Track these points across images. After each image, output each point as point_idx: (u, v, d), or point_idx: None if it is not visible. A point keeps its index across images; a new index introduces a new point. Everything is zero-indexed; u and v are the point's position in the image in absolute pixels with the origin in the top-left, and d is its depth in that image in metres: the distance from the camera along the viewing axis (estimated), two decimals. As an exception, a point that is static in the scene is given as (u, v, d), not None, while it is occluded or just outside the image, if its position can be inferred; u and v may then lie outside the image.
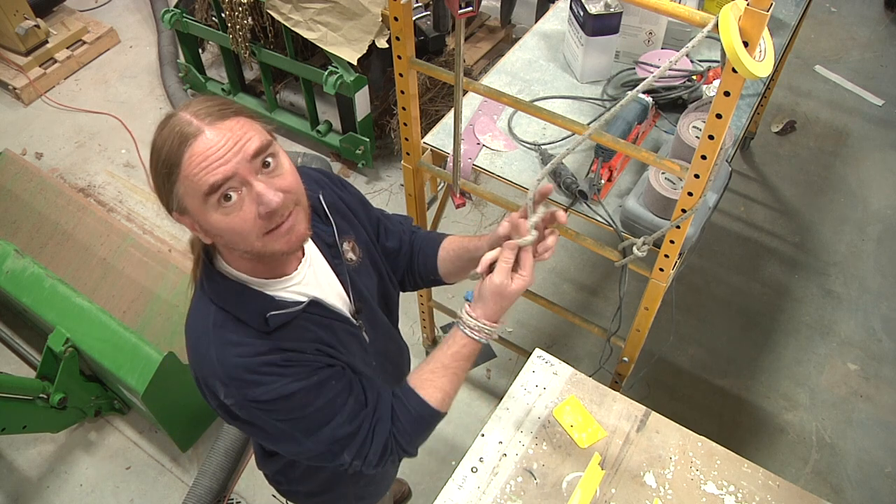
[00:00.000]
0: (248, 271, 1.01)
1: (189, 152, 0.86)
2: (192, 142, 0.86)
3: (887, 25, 3.87)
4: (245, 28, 2.81)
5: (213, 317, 0.99)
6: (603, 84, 1.84)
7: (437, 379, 1.09)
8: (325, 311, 1.08)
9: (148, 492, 2.26)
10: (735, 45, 0.95)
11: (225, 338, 0.98)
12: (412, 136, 1.62)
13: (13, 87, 3.55)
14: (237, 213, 0.89)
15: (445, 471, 2.24)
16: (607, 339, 1.77)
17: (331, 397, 1.02)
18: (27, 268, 2.24)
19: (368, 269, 1.22)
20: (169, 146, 0.87)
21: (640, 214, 1.44)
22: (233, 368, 0.96)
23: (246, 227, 0.90)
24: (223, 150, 0.86)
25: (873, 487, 2.22)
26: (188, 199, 0.89)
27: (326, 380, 1.02)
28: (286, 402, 0.98)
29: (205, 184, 0.86)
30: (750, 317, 2.64)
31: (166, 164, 0.88)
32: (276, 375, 0.97)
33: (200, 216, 0.90)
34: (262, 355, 0.97)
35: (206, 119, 0.88)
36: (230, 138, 0.87)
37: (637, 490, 1.31)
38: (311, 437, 1.02)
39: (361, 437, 1.05)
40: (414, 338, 2.59)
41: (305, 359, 1.01)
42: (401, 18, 1.35)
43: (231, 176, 0.87)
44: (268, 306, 1.00)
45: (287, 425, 1.01)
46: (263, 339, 0.99)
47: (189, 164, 0.86)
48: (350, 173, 3.19)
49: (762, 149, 3.23)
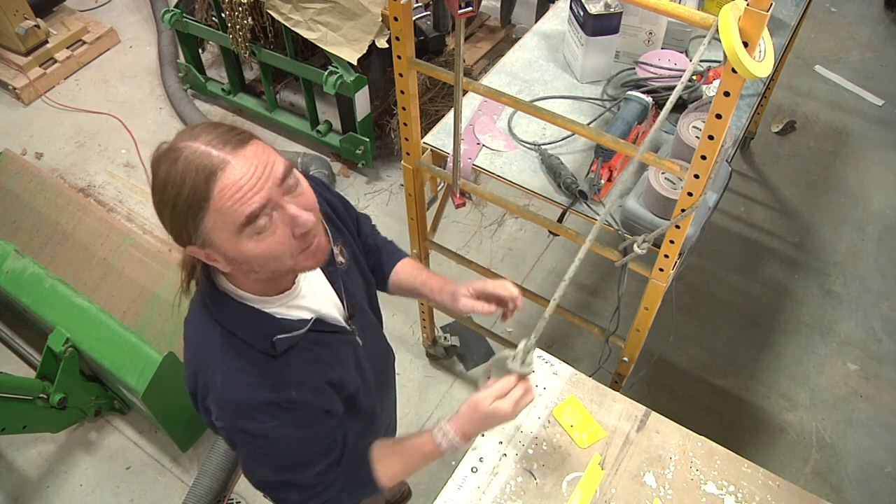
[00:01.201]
0: (257, 291, 1.00)
1: (219, 185, 0.83)
2: (219, 174, 0.83)
3: (887, 25, 3.87)
4: (245, 28, 2.81)
5: (220, 339, 0.98)
6: (603, 84, 1.84)
7: (394, 463, 1.12)
8: (325, 326, 1.08)
9: (148, 492, 2.26)
10: (735, 45, 0.95)
11: (232, 364, 0.97)
12: (412, 136, 1.62)
13: (13, 87, 3.55)
14: (272, 238, 0.88)
15: (445, 471, 2.23)
16: (606, 338, 1.77)
17: (312, 450, 1.04)
18: (27, 268, 2.23)
19: (355, 270, 1.23)
20: (193, 181, 0.83)
21: (640, 214, 1.44)
22: (234, 399, 0.97)
23: (281, 249, 0.89)
24: (254, 179, 0.84)
25: (873, 487, 2.22)
26: (218, 232, 0.86)
27: (315, 433, 1.04)
28: (272, 441, 1.00)
29: (241, 215, 0.84)
30: (750, 317, 2.64)
31: (192, 200, 0.84)
32: (273, 417, 0.98)
33: (229, 247, 0.88)
34: (268, 391, 0.97)
35: (225, 148, 0.84)
36: (257, 164, 0.85)
37: (637, 490, 1.31)
38: (276, 472, 1.05)
39: (317, 489, 1.07)
40: (414, 338, 2.59)
41: (307, 401, 1.01)
42: (401, 18, 1.35)
43: (266, 203, 0.85)
44: (274, 329, 1.00)
45: (261, 457, 1.03)
46: (271, 368, 0.99)
47: (221, 197, 0.83)
48: (350, 173, 3.19)
49: (762, 149, 3.23)
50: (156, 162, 0.88)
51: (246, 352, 0.98)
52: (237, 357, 0.97)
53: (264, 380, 0.97)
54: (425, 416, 2.40)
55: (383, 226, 2.94)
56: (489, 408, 1.04)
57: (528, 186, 1.62)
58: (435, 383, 2.49)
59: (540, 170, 1.66)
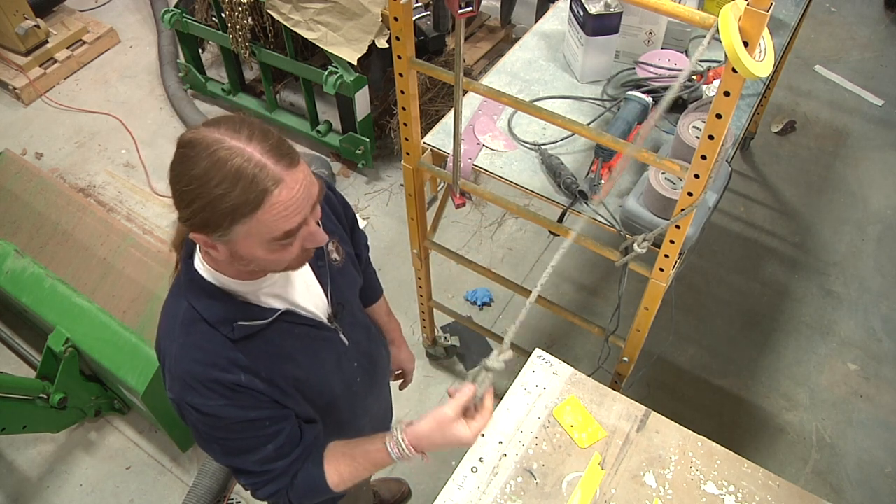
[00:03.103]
0: (230, 274, 1.01)
1: (271, 200, 0.85)
2: (274, 190, 0.85)
3: (887, 25, 3.87)
4: (245, 28, 2.81)
5: (182, 314, 1.01)
6: (603, 84, 1.84)
7: (343, 464, 1.11)
8: (297, 319, 1.08)
9: (148, 492, 2.26)
10: (735, 45, 0.95)
11: (189, 338, 1.00)
12: (412, 136, 1.62)
13: (13, 87, 3.55)
14: (287, 250, 0.92)
15: (445, 471, 2.23)
16: (606, 338, 1.77)
17: (257, 436, 1.04)
18: (27, 268, 2.23)
19: (350, 269, 1.23)
20: (245, 187, 0.83)
21: (640, 214, 1.44)
22: (184, 370, 0.99)
23: (288, 259, 0.94)
24: (300, 200, 0.88)
25: (873, 487, 2.22)
26: (248, 238, 0.88)
27: (261, 420, 1.04)
28: (216, 420, 1.00)
29: (280, 230, 0.88)
30: (750, 317, 2.64)
31: (238, 206, 0.84)
32: (219, 395, 0.99)
33: (246, 249, 0.90)
34: (217, 370, 0.98)
35: (280, 164, 0.86)
36: (304, 186, 0.89)
37: (637, 490, 1.31)
38: (224, 455, 1.06)
39: (263, 479, 1.08)
40: (414, 338, 2.59)
41: (256, 388, 1.01)
42: (401, 18, 1.35)
43: (302, 223, 0.90)
44: (238, 314, 1.01)
45: (209, 437, 1.04)
46: (225, 349, 1.00)
47: (270, 210, 0.85)
48: (350, 173, 3.19)
49: (762, 149, 3.23)
50: (192, 147, 0.85)
51: (205, 329, 0.99)
52: (196, 333, 0.99)
53: (216, 359, 0.99)
54: (425, 416, 2.40)
55: (383, 226, 2.97)
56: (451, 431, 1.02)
57: (528, 186, 1.62)
58: (435, 383, 2.49)
59: (540, 170, 1.66)
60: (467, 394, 1.03)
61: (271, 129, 0.90)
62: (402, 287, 2.69)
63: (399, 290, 2.68)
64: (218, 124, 0.86)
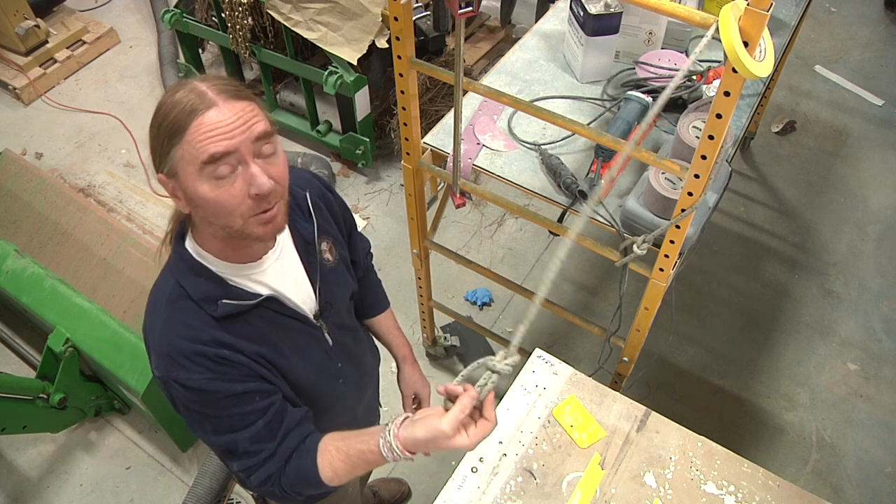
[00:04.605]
0: (216, 252, 1.02)
1: (198, 121, 0.88)
2: (203, 111, 0.89)
3: (887, 25, 3.87)
4: (245, 28, 2.81)
5: (169, 291, 1.02)
6: (603, 84, 1.84)
7: (338, 460, 1.08)
8: (282, 309, 1.08)
9: (148, 492, 2.26)
10: (735, 45, 0.95)
11: (174, 314, 1.01)
12: (412, 136, 1.62)
13: (13, 87, 3.55)
14: (227, 188, 0.91)
15: (445, 471, 2.23)
16: (607, 338, 1.77)
17: (246, 411, 1.03)
18: (27, 268, 2.23)
19: (344, 273, 1.23)
20: (179, 110, 0.89)
21: (640, 214, 1.44)
22: (169, 346, 0.99)
23: (232, 203, 0.92)
24: (231, 127, 0.90)
25: (873, 487, 2.22)
26: (183, 164, 0.91)
27: (250, 392, 1.03)
28: (203, 395, 1.00)
29: (205, 153, 0.89)
30: (750, 317, 2.64)
31: (172, 126, 0.89)
32: (204, 368, 0.99)
33: (189, 183, 0.92)
34: (201, 344, 0.99)
35: (221, 95, 0.90)
36: (240, 117, 0.90)
37: (637, 490, 1.31)
38: (214, 435, 1.05)
39: (254, 460, 1.06)
40: (414, 338, 2.59)
41: (240, 362, 1.01)
42: (401, 18, 1.35)
43: (232, 151, 0.90)
44: (223, 293, 1.02)
45: (198, 415, 1.03)
46: (209, 327, 1.00)
47: (195, 131, 0.88)
48: (350, 173, 3.19)
49: (762, 149, 3.23)
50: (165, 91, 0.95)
51: (189, 306, 1.01)
52: (181, 310, 1.01)
53: (200, 335, 1.00)
54: (425, 416, 2.40)
55: (383, 226, 2.97)
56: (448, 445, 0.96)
57: (528, 186, 1.62)
58: (435, 383, 2.49)
59: (540, 170, 1.66)
60: (466, 406, 0.94)
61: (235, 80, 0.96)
62: (402, 287, 2.69)
63: (399, 290, 2.68)
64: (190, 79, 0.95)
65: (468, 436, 0.95)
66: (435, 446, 0.97)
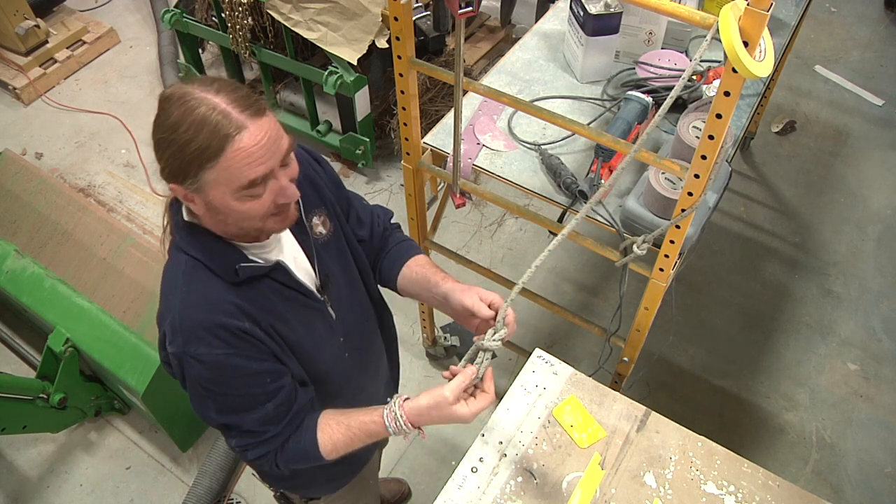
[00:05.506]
0: (222, 234, 1.03)
1: (234, 146, 0.89)
2: (236, 136, 0.89)
3: (887, 25, 3.87)
4: (245, 28, 2.81)
5: (183, 265, 1.02)
6: (603, 84, 1.84)
7: (338, 433, 1.10)
8: (289, 280, 1.09)
9: (148, 492, 2.26)
10: (735, 45, 0.95)
11: (192, 286, 1.01)
12: (412, 136, 1.62)
13: (13, 87, 3.55)
14: (256, 202, 0.94)
15: (445, 471, 2.23)
16: (607, 338, 1.77)
17: (257, 393, 1.04)
18: (27, 268, 2.23)
19: (342, 246, 1.23)
20: (209, 132, 0.88)
21: (640, 214, 1.44)
22: (189, 319, 0.99)
23: (260, 212, 0.95)
24: (264, 149, 0.91)
25: (873, 487, 2.22)
26: (215, 186, 0.91)
27: (263, 373, 1.04)
28: (219, 372, 1.01)
29: (245, 178, 0.90)
30: (750, 317, 2.64)
31: (202, 149, 0.88)
32: (224, 343, 0.99)
33: (218, 199, 0.93)
34: (223, 315, 0.99)
35: (244, 113, 0.90)
36: (269, 136, 0.91)
37: (637, 490, 1.31)
38: (219, 413, 1.06)
39: (257, 439, 1.08)
40: (414, 338, 2.59)
41: (258, 337, 1.02)
42: (401, 18, 1.35)
43: (268, 173, 0.93)
44: (238, 259, 1.03)
45: (207, 392, 1.03)
46: (229, 294, 1.01)
47: (232, 157, 0.89)
48: (350, 173, 3.19)
49: (762, 149, 3.23)
50: (168, 100, 0.91)
51: (207, 276, 1.01)
52: (198, 281, 1.01)
53: (221, 304, 1.00)
54: (425, 416, 2.40)
55: (383, 226, 2.97)
56: (450, 412, 1.03)
57: (528, 186, 1.62)
58: (435, 383, 2.47)
59: (540, 170, 1.66)
60: (468, 376, 1.04)
61: (241, 85, 0.95)
62: (402, 287, 2.68)
63: (399, 290, 2.68)
64: (192, 81, 0.93)
65: (468, 406, 1.03)
66: (438, 414, 1.03)
